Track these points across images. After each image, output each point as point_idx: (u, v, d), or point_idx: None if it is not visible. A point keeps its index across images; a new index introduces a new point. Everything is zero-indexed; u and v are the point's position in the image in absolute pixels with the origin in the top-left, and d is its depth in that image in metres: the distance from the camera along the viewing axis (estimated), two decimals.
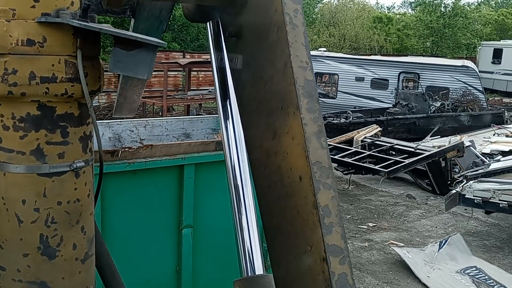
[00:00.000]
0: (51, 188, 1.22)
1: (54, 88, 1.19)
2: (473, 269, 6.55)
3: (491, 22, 40.86)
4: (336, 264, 1.06)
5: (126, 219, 4.18)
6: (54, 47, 1.18)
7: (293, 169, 1.16)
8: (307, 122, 1.13)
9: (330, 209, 1.10)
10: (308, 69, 1.16)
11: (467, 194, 7.15)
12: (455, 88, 16.52)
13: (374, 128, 11.26)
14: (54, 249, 1.22)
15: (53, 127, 1.21)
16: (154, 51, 1.19)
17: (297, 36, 1.16)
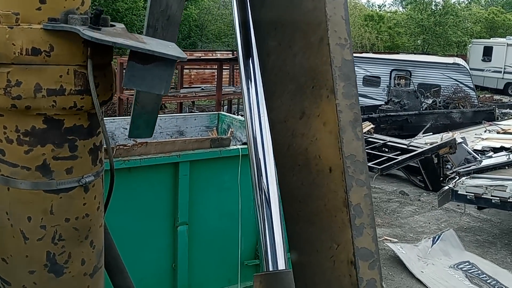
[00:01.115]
0: (58, 205, 1.15)
1: (62, 101, 1.09)
2: (466, 264, 6.60)
3: (481, 20, 41.11)
4: (365, 269, 0.98)
5: (121, 217, 4.16)
6: (62, 57, 1.07)
7: (322, 157, 1.06)
8: (343, 109, 1.01)
9: (362, 209, 1.01)
10: (347, 47, 1.04)
11: (459, 190, 7.20)
12: (446, 86, 16.64)
13: (366, 125, 11.31)
14: (61, 266, 1.17)
15: (61, 141, 1.13)
16: (173, 65, 1.09)
17: (336, 8, 1.03)
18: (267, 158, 1.34)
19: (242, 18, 1.43)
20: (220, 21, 33.52)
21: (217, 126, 7.11)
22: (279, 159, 1.25)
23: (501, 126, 13.46)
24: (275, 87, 1.25)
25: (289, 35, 1.16)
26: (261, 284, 1.27)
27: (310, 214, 1.11)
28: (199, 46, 30.97)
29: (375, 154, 9.77)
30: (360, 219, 1.00)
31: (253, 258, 4.79)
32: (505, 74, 29.64)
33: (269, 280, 1.27)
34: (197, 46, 30.84)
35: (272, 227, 1.31)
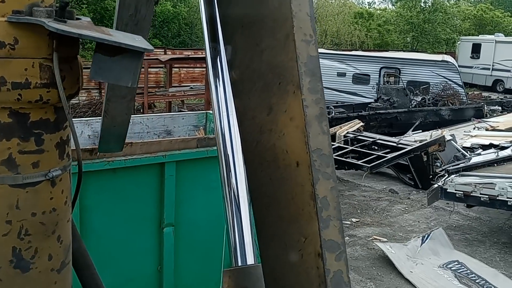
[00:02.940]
0: (24, 199, 1.13)
1: (28, 94, 1.08)
2: (455, 264, 6.59)
3: (470, 17, 41.34)
4: (332, 260, 1.00)
5: (106, 219, 4.10)
6: (27, 50, 1.06)
7: (289, 152, 1.08)
8: (309, 104, 1.03)
9: (329, 201, 1.02)
10: (312, 43, 1.06)
11: (448, 188, 7.19)
12: (436, 83, 16.68)
13: (356, 123, 11.28)
14: (28, 261, 1.14)
15: (27, 135, 1.11)
16: (140, 57, 1.08)
17: (301, 5, 1.05)
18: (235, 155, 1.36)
19: (209, 15, 1.44)
20: None
21: (205, 125, 7.02)
22: (248, 155, 1.26)
23: (489, 123, 13.51)
24: (243, 84, 1.26)
25: (255, 32, 1.17)
26: (230, 279, 1.28)
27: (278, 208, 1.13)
28: (189, 44, 30.79)
29: (364, 152, 9.74)
30: (326, 212, 1.01)
31: None
32: (494, 71, 29.84)
33: (238, 275, 1.29)
34: (187, 45, 30.66)
35: (241, 223, 1.33)
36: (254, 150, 1.21)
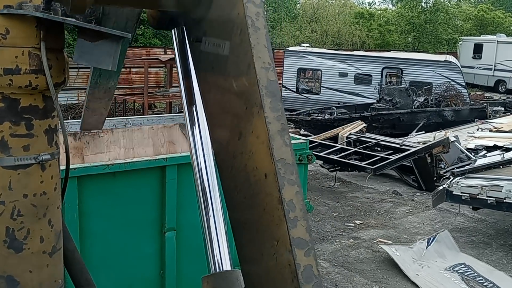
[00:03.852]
0: (16, 180, 1.20)
1: (18, 80, 1.17)
2: (462, 266, 6.47)
3: (471, 18, 41.21)
4: (301, 256, 1.08)
5: (106, 224, 4.00)
6: (17, 39, 1.15)
7: (258, 167, 1.19)
8: (271, 120, 1.16)
9: (295, 204, 1.12)
10: (270, 69, 1.20)
11: (454, 190, 7.07)
12: (438, 83, 16.55)
13: (359, 124, 11.17)
14: (21, 242, 1.21)
15: (18, 119, 1.19)
16: (119, 42, 1.18)
17: (259, 38, 1.20)
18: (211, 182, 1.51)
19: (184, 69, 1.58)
20: None
21: None
22: (225, 182, 1.37)
23: (493, 124, 13.40)
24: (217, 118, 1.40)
25: (223, 69, 1.31)
26: (208, 284, 1.39)
27: (254, 222, 1.23)
28: None
29: (367, 154, 9.62)
30: (293, 213, 1.11)
31: None
32: (496, 71, 29.73)
33: (215, 280, 1.40)
34: None
35: (216, 231, 1.45)
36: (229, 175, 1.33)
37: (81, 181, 3.81)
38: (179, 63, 1.60)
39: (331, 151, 9.74)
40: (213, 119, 1.44)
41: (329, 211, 8.60)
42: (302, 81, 19.02)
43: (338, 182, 10.20)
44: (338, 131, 10.84)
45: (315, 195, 9.07)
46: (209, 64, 1.40)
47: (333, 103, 16.47)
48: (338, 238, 7.41)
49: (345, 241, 7.33)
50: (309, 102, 17.81)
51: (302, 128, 14.11)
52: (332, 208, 8.75)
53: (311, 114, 14.08)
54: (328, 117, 13.61)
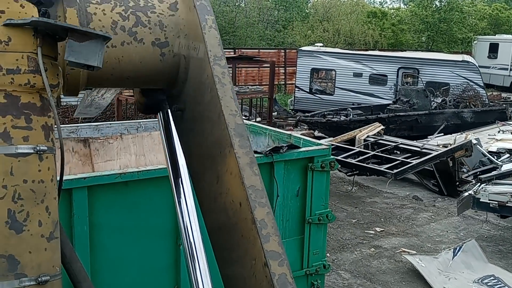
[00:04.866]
0: (17, 167, 1.33)
1: (19, 78, 1.35)
2: (491, 278, 6.13)
3: (485, 17, 40.56)
4: (276, 266, 1.23)
5: (118, 236, 3.76)
6: (18, 45, 1.35)
7: (234, 200, 1.36)
8: (240, 155, 1.34)
9: (266, 222, 1.28)
10: (237, 115, 1.41)
11: (481, 198, 6.73)
12: (456, 84, 16.13)
13: (376, 126, 10.82)
14: (21, 223, 1.31)
15: (18, 113, 1.35)
16: (103, 42, 1.37)
17: (225, 91, 1.43)
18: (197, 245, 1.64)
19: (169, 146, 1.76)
20: (221, 18, 33.01)
21: None
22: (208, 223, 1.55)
23: None
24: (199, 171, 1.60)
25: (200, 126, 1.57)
26: None
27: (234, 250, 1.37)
28: None
29: (387, 158, 9.28)
30: (266, 230, 1.26)
31: None
32: None
33: None
34: None
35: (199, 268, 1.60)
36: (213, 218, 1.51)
37: (92, 191, 3.56)
38: (165, 141, 1.80)
39: (348, 154, 9.41)
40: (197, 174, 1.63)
41: (348, 217, 8.28)
42: (316, 81, 18.68)
43: (356, 186, 9.87)
44: (355, 133, 10.50)
45: (333, 200, 8.74)
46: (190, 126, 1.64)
47: (347, 104, 16.12)
48: (358, 247, 7.09)
49: (366, 250, 7.01)
50: (323, 103, 17.47)
51: (316, 129, 13.79)
52: (351, 214, 8.43)
53: (326, 116, 13.76)
54: (344, 118, 13.28)
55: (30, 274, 1.30)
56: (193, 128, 1.63)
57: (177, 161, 1.73)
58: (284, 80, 25.20)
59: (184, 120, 1.70)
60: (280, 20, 35.92)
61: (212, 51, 1.49)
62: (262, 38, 33.32)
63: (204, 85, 1.50)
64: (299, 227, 4.70)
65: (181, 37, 1.63)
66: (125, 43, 1.61)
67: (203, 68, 1.51)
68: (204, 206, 1.60)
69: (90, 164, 4.81)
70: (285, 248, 3.92)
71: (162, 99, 1.81)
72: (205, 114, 1.53)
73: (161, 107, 1.83)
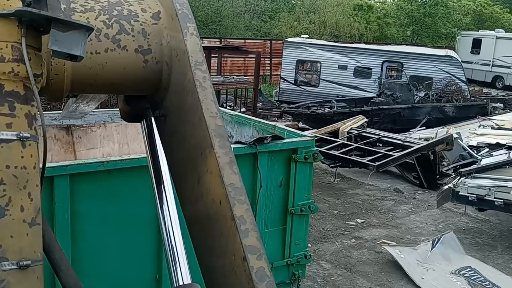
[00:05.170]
0: (0, 153, 1.35)
1: (2, 67, 1.37)
2: (468, 270, 6.27)
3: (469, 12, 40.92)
4: (254, 260, 1.26)
5: (100, 225, 3.75)
6: (2, 35, 1.38)
7: (215, 199, 1.38)
8: (220, 155, 1.38)
9: (245, 219, 1.31)
10: (218, 117, 1.45)
11: (461, 191, 6.85)
12: (439, 78, 16.31)
13: (360, 119, 10.91)
14: (3, 208, 1.34)
15: (2, 101, 1.37)
16: (86, 33, 1.41)
17: (206, 95, 1.47)
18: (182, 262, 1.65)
19: (152, 154, 1.82)
20: (207, 8, 32.79)
21: None
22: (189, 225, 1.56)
23: (495, 121, 13.20)
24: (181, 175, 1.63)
25: (182, 130, 1.60)
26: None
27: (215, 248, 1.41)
28: None
29: (369, 150, 9.37)
30: (245, 226, 1.29)
31: None
32: (494, 67, 29.56)
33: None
34: None
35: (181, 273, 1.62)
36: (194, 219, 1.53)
37: (74, 179, 3.54)
38: (148, 149, 1.85)
39: (331, 146, 9.48)
40: (179, 178, 1.66)
41: (330, 208, 8.37)
42: (301, 73, 18.72)
43: (338, 178, 9.96)
44: (338, 125, 10.58)
45: (315, 192, 8.79)
46: (172, 131, 1.68)
47: (332, 96, 16.20)
48: (339, 238, 7.18)
49: (347, 241, 7.10)
50: (307, 95, 17.53)
51: (300, 121, 13.85)
52: (333, 206, 8.52)
53: (310, 107, 13.81)
54: (328, 110, 13.35)
55: (12, 258, 1.33)
56: (175, 132, 1.66)
57: (159, 168, 1.78)
58: (270, 71, 25.19)
59: (166, 126, 1.73)
60: (266, 11, 35.80)
61: (193, 57, 1.55)
62: (248, 28, 33.19)
63: (186, 90, 1.55)
64: (281, 217, 4.74)
65: (163, 45, 1.69)
66: (108, 49, 1.66)
67: (184, 73, 1.56)
68: (186, 208, 1.62)
69: (72, 152, 4.77)
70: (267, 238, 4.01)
71: (146, 107, 1.86)
72: (186, 118, 1.56)
73: (144, 115, 1.88)
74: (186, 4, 1.70)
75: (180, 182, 1.68)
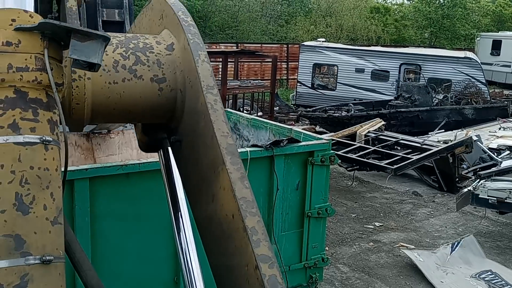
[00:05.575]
0: (25, 155, 1.44)
1: (27, 75, 1.47)
2: (488, 274, 6.18)
3: (489, 13, 40.38)
4: (266, 268, 1.30)
5: (119, 227, 3.80)
6: (27, 47, 1.49)
7: (228, 214, 1.44)
8: (232, 171, 1.44)
9: (257, 230, 1.36)
10: (229, 137, 1.52)
11: (480, 194, 6.77)
12: (458, 80, 16.11)
13: (377, 122, 10.84)
14: (27, 206, 1.40)
15: (26, 107, 1.47)
16: (103, 42, 1.49)
17: (217, 116, 1.55)
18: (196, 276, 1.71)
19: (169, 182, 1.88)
20: (224, 13, 32.97)
21: None
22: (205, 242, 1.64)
23: None
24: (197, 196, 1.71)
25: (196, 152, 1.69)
26: None
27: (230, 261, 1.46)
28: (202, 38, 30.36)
29: (387, 153, 9.31)
30: (256, 236, 1.34)
31: None
32: None
33: None
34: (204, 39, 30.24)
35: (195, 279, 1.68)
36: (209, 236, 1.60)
37: (93, 182, 3.61)
38: (165, 177, 1.92)
39: (349, 149, 9.45)
40: (194, 199, 1.73)
41: (347, 212, 8.33)
42: (318, 76, 18.69)
43: (356, 181, 9.92)
44: (356, 129, 10.53)
45: (332, 195, 8.79)
46: (187, 154, 1.76)
47: (349, 100, 16.13)
48: (357, 241, 7.14)
49: (365, 244, 7.06)
50: (324, 98, 17.49)
51: (317, 124, 13.82)
52: (350, 209, 8.48)
53: (327, 111, 13.78)
54: (345, 114, 13.30)
55: (35, 254, 1.38)
56: (190, 155, 1.73)
57: (176, 195, 1.83)
58: (286, 75, 25.20)
59: (182, 150, 1.81)
60: (283, 15, 35.83)
61: (205, 81, 1.63)
62: (265, 33, 33.26)
63: (199, 113, 1.62)
64: (298, 220, 4.75)
65: (177, 73, 1.79)
66: (126, 79, 1.76)
67: (197, 97, 1.64)
68: (201, 227, 1.67)
69: (92, 158, 4.85)
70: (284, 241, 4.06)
71: (163, 137, 1.94)
72: (200, 140, 1.63)
73: (161, 145, 1.96)
74: (198, 34, 1.82)
75: (195, 204, 1.75)
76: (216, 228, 1.54)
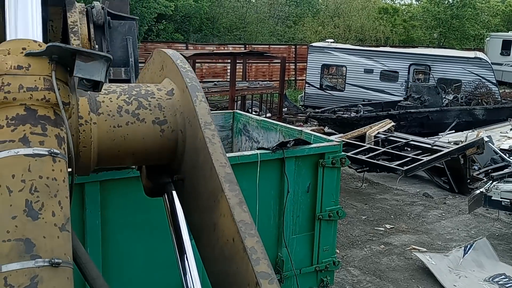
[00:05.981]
0: (34, 165, 1.52)
1: (36, 94, 1.59)
2: (502, 277, 6.09)
3: (498, 13, 40.05)
4: (266, 284, 1.33)
5: (129, 230, 3.78)
6: (36, 70, 1.61)
7: (228, 238, 1.48)
8: (230, 197, 1.50)
9: (256, 249, 1.40)
10: (227, 166, 1.59)
11: (493, 195, 6.68)
12: (468, 81, 15.98)
13: (387, 123, 10.77)
14: (37, 212, 1.47)
15: (36, 123, 1.57)
16: (105, 62, 1.62)
17: (215, 149, 1.63)
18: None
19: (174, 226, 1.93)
20: (232, 14, 32.98)
21: (232, 125, 6.65)
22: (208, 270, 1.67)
23: None
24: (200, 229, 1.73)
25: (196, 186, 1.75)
26: None
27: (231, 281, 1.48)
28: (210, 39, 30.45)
29: (397, 154, 9.23)
30: (256, 255, 1.39)
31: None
32: None
33: None
34: (208, 40, 30.33)
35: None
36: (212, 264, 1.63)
37: (104, 185, 3.59)
38: (170, 221, 1.98)
39: (358, 150, 9.38)
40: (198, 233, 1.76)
41: (358, 214, 8.27)
42: (326, 77, 18.61)
43: (366, 183, 9.84)
44: (365, 130, 10.46)
45: (342, 197, 8.72)
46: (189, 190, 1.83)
47: (358, 100, 16.05)
48: (368, 244, 7.07)
49: (376, 246, 7.00)
50: (333, 99, 17.41)
51: (326, 125, 13.76)
52: (361, 211, 8.41)
53: (336, 112, 13.71)
54: (354, 115, 13.22)
55: (44, 257, 1.44)
56: (192, 191, 1.82)
57: (182, 238, 1.90)
58: (295, 76, 25.15)
59: (184, 188, 1.90)
60: (291, 16, 35.78)
61: (203, 119, 1.74)
62: (273, 34, 33.23)
63: (198, 148, 1.73)
64: (309, 223, 4.70)
65: (177, 115, 1.91)
66: (129, 123, 1.89)
67: (196, 134, 1.76)
68: (205, 257, 1.73)
69: None
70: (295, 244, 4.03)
71: (167, 182, 2.04)
72: (200, 173, 1.71)
73: (166, 189, 2.05)
74: (195, 78, 1.95)
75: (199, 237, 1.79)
76: (219, 255, 1.58)
